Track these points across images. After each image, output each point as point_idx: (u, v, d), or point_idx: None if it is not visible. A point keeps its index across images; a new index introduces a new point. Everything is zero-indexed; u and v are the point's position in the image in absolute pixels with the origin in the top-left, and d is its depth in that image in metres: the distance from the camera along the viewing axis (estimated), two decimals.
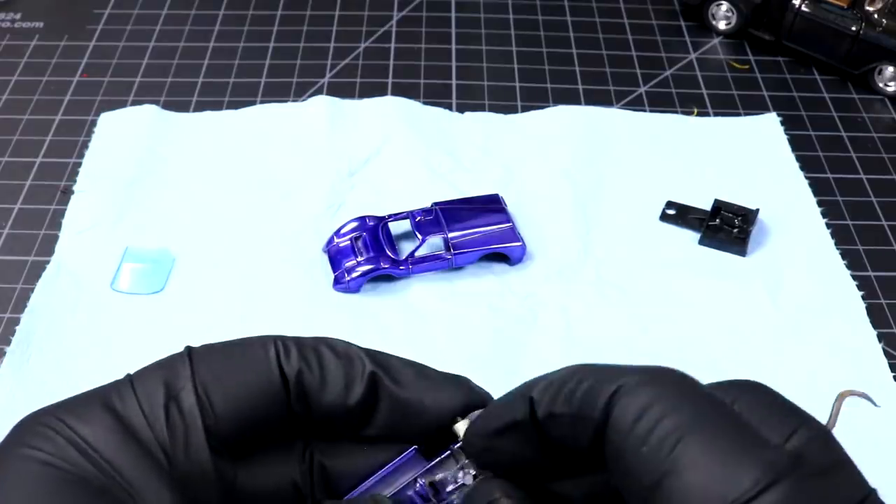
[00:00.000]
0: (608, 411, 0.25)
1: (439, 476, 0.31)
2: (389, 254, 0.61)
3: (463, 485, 0.31)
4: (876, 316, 0.60)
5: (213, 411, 0.28)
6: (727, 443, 0.23)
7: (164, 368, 0.29)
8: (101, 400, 0.28)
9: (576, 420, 0.26)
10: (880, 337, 0.59)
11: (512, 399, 0.29)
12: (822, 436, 0.24)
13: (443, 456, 0.32)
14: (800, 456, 0.23)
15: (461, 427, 0.31)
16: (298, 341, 0.31)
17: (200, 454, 0.28)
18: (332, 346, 0.31)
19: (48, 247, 0.63)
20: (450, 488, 0.31)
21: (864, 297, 0.61)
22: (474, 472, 0.31)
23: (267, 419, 0.30)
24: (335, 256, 0.62)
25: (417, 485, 0.31)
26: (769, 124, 0.76)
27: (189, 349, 0.30)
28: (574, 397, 0.27)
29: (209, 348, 0.30)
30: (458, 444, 0.32)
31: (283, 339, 0.31)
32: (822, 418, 0.25)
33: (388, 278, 0.61)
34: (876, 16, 0.77)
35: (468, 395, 0.31)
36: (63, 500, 0.25)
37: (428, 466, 0.32)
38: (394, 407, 0.31)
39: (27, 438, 0.27)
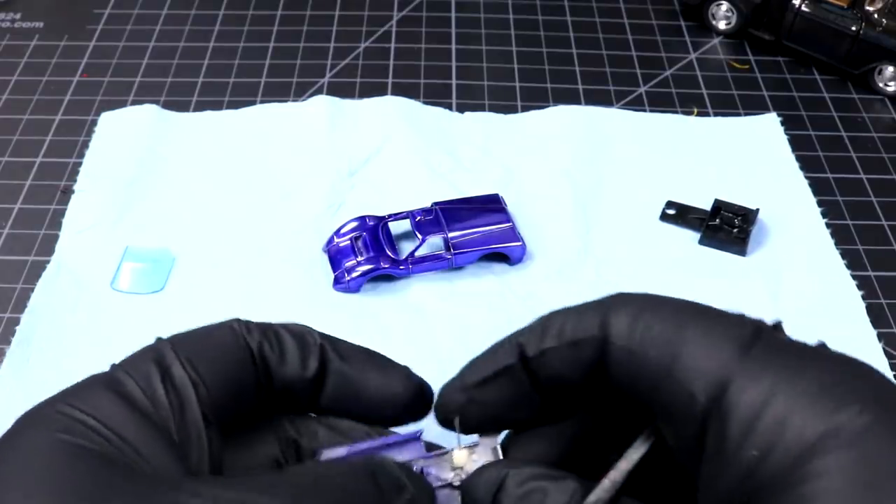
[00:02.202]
0: (605, 328, 0.29)
1: (433, 470, 0.32)
2: (389, 254, 0.61)
3: (450, 484, 0.32)
4: (876, 316, 0.60)
5: (202, 381, 0.30)
6: (721, 320, 0.29)
7: (150, 351, 0.31)
8: (101, 382, 0.30)
9: (572, 348, 0.30)
10: (880, 337, 0.59)
11: (497, 349, 0.32)
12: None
13: (441, 452, 0.33)
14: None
15: (458, 455, 0.32)
16: (257, 323, 0.34)
17: (196, 421, 0.30)
18: (287, 326, 0.34)
19: (48, 247, 0.63)
20: (437, 484, 0.32)
21: (864, 297, 0.61)
22: (464, 477, 0.32)
23: (244, 388, 0.32)
24: (335, 256, 0.62)
25: (414, 468, 0.32)
26: (769, 124, 0.76)
27: (159, 338, 0.32)
28: (564, 330, 0.30)
29: (180, 334, 0.33)
30: (454, 448, 0.33)
31: (244, 320, 0.34)
32: None
33: (388, 278, 0.61)
34: (876, 16, 0.77)
35: (407, 380, 0.35)
36: (78, 469, 0.26)
37: (426, 455, 0.33)
38: (340, 381, 0.34)
39: (36, 421, 0.28)
